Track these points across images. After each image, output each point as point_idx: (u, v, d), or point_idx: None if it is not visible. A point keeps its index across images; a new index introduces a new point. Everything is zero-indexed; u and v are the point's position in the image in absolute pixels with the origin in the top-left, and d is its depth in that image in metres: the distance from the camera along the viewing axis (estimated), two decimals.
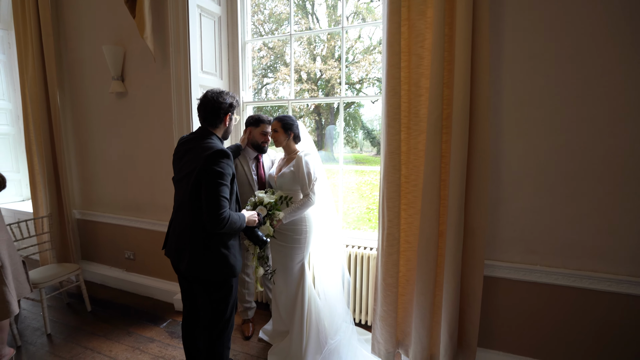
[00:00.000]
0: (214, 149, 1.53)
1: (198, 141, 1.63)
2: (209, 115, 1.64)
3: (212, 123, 1.66)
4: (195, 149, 1.60)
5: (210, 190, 1.49)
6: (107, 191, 3.18)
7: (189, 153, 1.63)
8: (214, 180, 1.49)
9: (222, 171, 1.51)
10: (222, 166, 1.51)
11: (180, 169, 1.66)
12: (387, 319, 2.00)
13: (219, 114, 1.64)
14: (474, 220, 1.78)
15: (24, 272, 2.26)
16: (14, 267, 2.17)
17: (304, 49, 12.73)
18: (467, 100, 1.65)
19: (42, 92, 2.95)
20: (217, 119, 1.65)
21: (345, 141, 14.13)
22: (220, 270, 1.60)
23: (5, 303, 2.04)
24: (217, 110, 1.63)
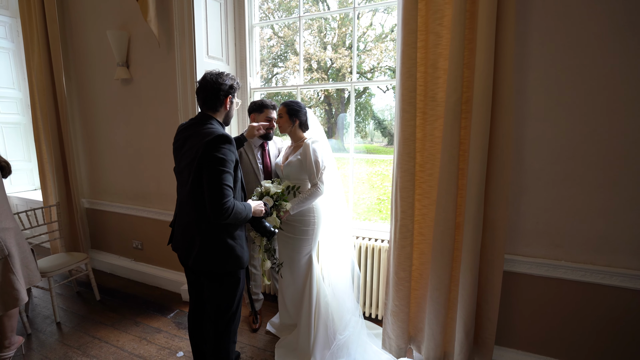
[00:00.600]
0: (214, 134, 1.43)
1: (198, 127, 1.53)
2: (208, 98, 1.54)
3: (212, 106, 1.56)
4: (195, 135, 1.50)
5: (212, 179, 1.40)
6: (114, 180, 3.16)
7: (189, 140, 1.53)
8: (215, 167, 1.40)
9: (224, 157, 1.41)
10: (223, 152, 1.41)
11: (180, 159, 1.57)
12: (398, 314, 1.91)
13: (219, 96, 1.53)
14: (494, 211, 1.66)
15: (33, 260, 2.25)
16: (23, 255, 2.16)
17: (314, 37, 12.50)
18: (489, 82, 1.51)
19: (48, 80, 2.92)
20: (217, 101, 1.54)
21: (356, 131, 13.92)
22: (227, 262, 1.53)
23: (14, 291, 2.03)
24: (216, 92, 1.52)
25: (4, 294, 2.01)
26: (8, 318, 2.13)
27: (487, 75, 1.50)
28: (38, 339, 2.39)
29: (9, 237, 2.05)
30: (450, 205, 1.67)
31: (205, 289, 1.65)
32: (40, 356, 2.20)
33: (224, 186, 1.40)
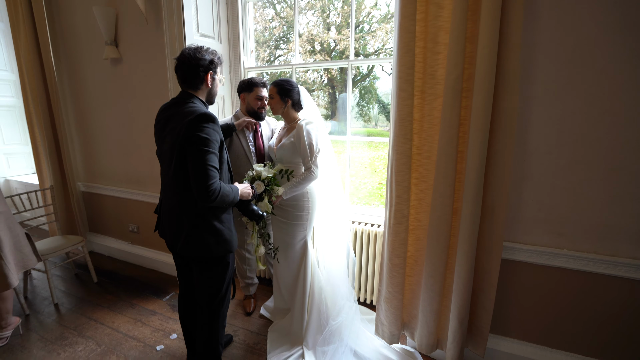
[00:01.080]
0: (196, 113, 1.34)
1: (178, 107, 1.44)
2: (187, 76, 1.45)
3: (192, 84, 1.47)
4: (176, 115, 1.41)
5: (196, 160, 1.33)
6: (109, 163, 3.12)
7: (170, 121, 1.44)
8: (198, 148, 1.32)
9: (208, 137, 1.33)
10: (207, 132, 1.33)
11: (162, 141, 1.49)
12: (392, 300, 1.87)
13: (198, 73, 1.44)
14: (494, 197, 1.57)
15: (27, 244, 2.24)
16: (15, 239, 2.15)
17: (317, 18, 12.13)
18: (493, 57, 1.40)
19: (36, 60, 2.84)
20: (196, 78, 1.45)
21: (359, 115, 13.69)
22: (215, 246, 1.49)
23: (3, 276, 2.03)
24: (195, 69, 1.43)
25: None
26: (2, 300, 2.14)
27: (491, 49, 1.38)
28: (36, 319, 2.41)
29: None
30: (448, 190, 1.59)
31: (194, 273, 1.61)
32: (38, 336, 2.22)
33: (209, 167, 1.33)
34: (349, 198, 2.64)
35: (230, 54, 2.67)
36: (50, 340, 2.17)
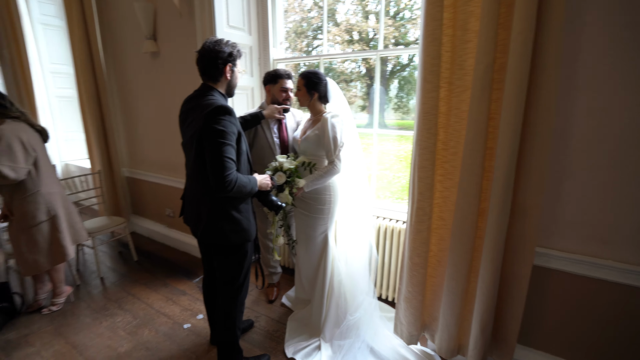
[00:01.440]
0: (213, 106, 1.37)
1: (199, 99, 1.48)
2: (207, 68, 1.48)
3: (211, 76, 1.50)
4: (196, 108, 1.46)
5: (213, 152, 1.37)
6: (148, 151, 3.33)
7: (190, 113, 1.49)
8: (215, 140, 1.35)
9: (224, 129, 1.36)
10: (223, 124, 1.36)
11: (184, 132, 1.55)
12: (411, 300, 1.81)
13: (217, 65, 1.46)
14: (526, 198, 1.45)
15: (79, 220, 2.48)
16: (69, 216, 2.38)
17: (356, 6, 11.83)
18: (528, 44, 1.27)
19: (87, 55, 3.08)
20: (215, 70, 1.48)
21: (398, 107, 13.27)
22: (233, 235, 1.53)
23: (62, 248, 2.28)
24: (214, 61, 1.46)
25: (53, 250, 2.26)
26: (55, 271, 2.40)
27: (526, 36, 1.25)
28: (85, 290, 2.68)
29: (55, 200, 2.26)
30: (474, 189, 1.49)
31: (214, 259, 1.68)
32: (85, 305, 2.47)
33: (225, 159, 1.37)
34: (375, 192, 2.59)
35: (259, 46, 2.69)
36: (95, 310, 2.40)
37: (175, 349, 2.02)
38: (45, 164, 2.22)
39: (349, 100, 11.61)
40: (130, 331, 2.17)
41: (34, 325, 2.24)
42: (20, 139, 2.03)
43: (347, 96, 12.66)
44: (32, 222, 2.15)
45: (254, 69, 2.70)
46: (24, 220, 2.13)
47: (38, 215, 2.16)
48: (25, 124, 2.13)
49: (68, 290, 2.52)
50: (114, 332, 2.16)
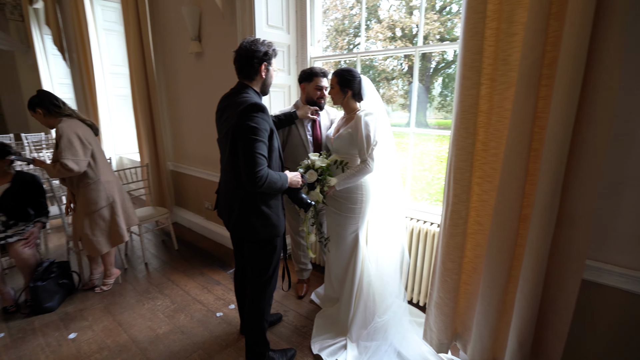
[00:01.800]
0: (247, 103, 1.42)
1: (234, 97, 1.53)
2: (243, 67, 1.53)
3: (247, 75, 1.55)
4: (231, 105, 1.51)
5: (246, 148, 1.41)
6: (190, 146, 3.52)
7: (226, 111, 1.55)
8: (247, 136, 1.40)
9: (257, 126, 1.40)
10: (256, 121, 1.40)
11: (220, 129, 1.62)
12: (442, 307, 1.73)
13: (253, 64, 1.51)
14: (575, 206, 1.32)
15: (131, 206, 2.72)
16: (123, 203, 2.61)
17: (399, 2, 11.54)
18: (584, 36, 1.15)
19: (140, 56, 3.32)
20: (251, 69, 1.53)
21: (440, 105, 12.75)
22: (262, 229, 1.58)
23: (120, 229, 2.51)
24: (250, 60, 1.50)
25: (112, 232, 2.49)
26: (108, 255, 2.62)
27: (581, 26, 1.13)
28: (132, 273, 2.90)
29: (111, 187, 2.49)
30: (515, 194, 1.38)
31: (245, 252, 1.74)
32: (131, 287, 2.67)
33: (257, 155, 1.40)
34: (412, 194, 2.51)
35: (297, 44, 2.72)
36: (139, 292, 2.60)
37: (208, 335, 2.12)
38: (100, 155, 2.43)
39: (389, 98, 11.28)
40: (168, 315, 2.32)
41: (88, 302, 2.48)
42: (77, 134, 2.25)
43: (388, 94, 12.40)
44: (94, 207, 2.38)
45: (291, 67, 2.74)
46: (87, 206, 2.37)
47: (99, 201, 2.40)
48: (78, 120, 2.35)
49: (117, 272, 2.74)
50: (154, 314, 2.32)
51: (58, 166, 2.15)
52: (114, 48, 4.60)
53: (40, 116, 2.26)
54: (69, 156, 2.16)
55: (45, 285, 2.33)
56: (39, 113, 2.25)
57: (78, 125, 2.31)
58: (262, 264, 1.68)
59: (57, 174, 2.19)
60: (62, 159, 2.14)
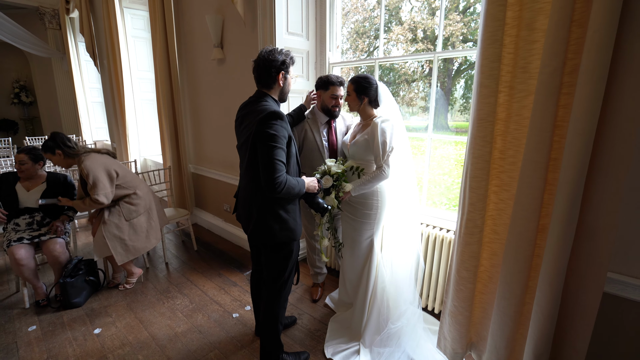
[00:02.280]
0: (266, 111, 1.47)
1: (253, 105, 1.59)
2: (262, 75, 1.58)
3: (266, 83, 1.60)
4: (251, 113, 1.57)
5: (265, 154, 1.46)
6: (211, 149, 3.62)
7: (246, 118, 1.61)
8: (267, 143, 1.45)
9: (276, 134, 1.45)
10: (275, 128, 1.45)
11: (239, 136, 1.67)
12: (457, 316, 1.71)
13: (271, 72, 1.56)
14: (596, 217, 1.28)
15: (162, 208, 2.88)
16: (158, 206, 2.78)
17: (422, 3, 11.40)
18: (608, 43, 1.12)
19: (165, 62, 3.46)
20: (269, 77, 1.58)
21: (464, 108, 12.46)
22: (279, 233, 1.62)
23: (156, 233, 2.69)
24: (268, 69, 1.55)
25: (150, 236, 2.63)
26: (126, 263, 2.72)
27: (606, 33, 1.10)
28: (153, 272, 3.02)
29: (147, 196, 2.69)
30: (533, 204, 1.35)
31: (262, 256, 1.78)
32: (152, 286, 2.78)
33: (275, 161, 1.45)
34: (430, 199, 2.50)
35: (316, 50, 2.76)
36: (159, 291, 2.70)
37: (224, 335, 2.17)
38: (126, 172, 2.59)
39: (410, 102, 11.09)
40: (186, 314, 2.39)
41: (112, 299, 2.60)
42: (102, 168, 2.39)
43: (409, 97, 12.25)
44: (134, 215, 2.58)
45: (310, 73, 2.79)
46: (128, 214, 2.55)
47: (138, 209, 2.60)
48: (95, 153, 2.46)
49: (139, 272, 2.86)
50: (174, 313, 2.40)
51: (88, 201, 2.35)
52: (141, 54, 4.81)
53: (60, 158, 2.40)
54: (99, 192, 2.34)
55: (73, 282, 2.46)
56: (59, 155, 2.39)
57: (97, 158, 2.41)
58: (279, 267, 1.71)
59: (88, 208, 2.40)
60: (94, 195, 2.32)
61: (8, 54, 8.44)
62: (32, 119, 9.24)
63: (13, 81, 8.77)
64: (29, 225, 2.51)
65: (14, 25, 6.38)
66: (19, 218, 2.50)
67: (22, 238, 2.40)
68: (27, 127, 9.24)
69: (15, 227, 2.48)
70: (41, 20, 7.37)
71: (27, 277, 2.40)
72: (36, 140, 6.90)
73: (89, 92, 6.81)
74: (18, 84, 8.77)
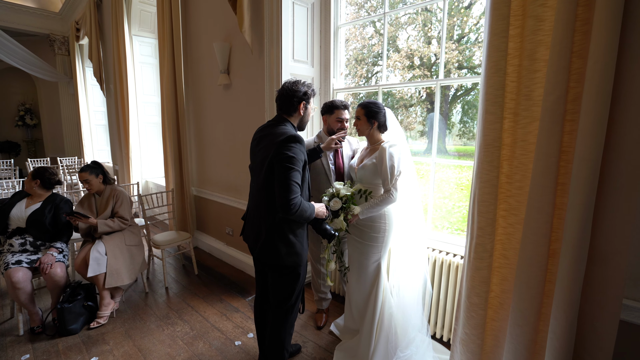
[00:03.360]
0: (286, 135, 1.53)
1: (273, 128, 1.66)
2: (284, 103, 1.67)
3: (287, 111, 1.68)
4: (270, 135, 1.63)
5: (282, 176, 1.50)
6: (214, 172, 3.64)
7: (263, 140, 1.66)
8: (285, 164, 1.49)
9: (295, 156, 1.51)
10: (294, 151, 1.51)
11: (255, 156, 1.72)
12: (468, 344, 1.66)
13: (293, 102, 1.65)
14: (607, 241, 1.28)
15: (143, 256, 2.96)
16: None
17: (418, 32, 11.86)
18: (608, 74, 1.16)
19: (172, 87, 3.54)
20: (291, 106, 1.67)
21: (462, 132, 12.68)
22: (286, 256, 1.62)
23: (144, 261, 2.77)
24: (290, 98, 1.65)
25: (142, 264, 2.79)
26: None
27: (605, 65, 1.15)
28: (152, 297, 2.94)
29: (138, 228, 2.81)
30: (542, 228, 1.35)
31: (268, 278, 1.75)
32: (151, 312, 2.71)
33: (292, 183, 1.50)
34: (432, 222, 2.49)
35: (321, 76, 2.85)
36: (159, 317, 2.62)
37: None
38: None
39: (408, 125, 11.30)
40: (187, 342, 2.32)
41: (109, 325, 2.52)
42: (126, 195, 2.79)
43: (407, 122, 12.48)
44: (134, 242, 2.76)
45: (314, 98, 2.85)
46: (129, 240, 2.72)
47: (135, 239, 2.79)
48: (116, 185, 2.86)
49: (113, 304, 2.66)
50: (174, 341, 2.33)
51: (117, 221, 2.68)
52: (147, 79, 4.94)
53: (99, 182, 2.70)
54: (126, 214, 2.74)
55: (71, 307, 2.39)
56: (100, 179, 2.72)
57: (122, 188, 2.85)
58: (285, 291, 1.69)
59: (118, 227, 2.69)
60: (125, 216, 2.72)
61: (16, 77, 8.64)
62: (34, 141, 9.32)
63: (19, 104, 8.92)
64: (22, 246, 2.48)
65: (25, 52, 6.59)
66: (12, 239, 2.47)
67: (20, 261, 2.36)
68: (29, 148, 9.31)
69: (10, 248, 2.45)
70: (51, 46, 7.61)
71: (22, 302, 2.33)
72: (39, 162, 6.93)
73: (93, 115, 6.93)
74: (24, 107, 8.91)
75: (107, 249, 2.55)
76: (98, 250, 2.51)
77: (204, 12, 3.37)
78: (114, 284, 2.51)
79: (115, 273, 2.52)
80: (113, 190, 2.74)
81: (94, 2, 5.39)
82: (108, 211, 2.70)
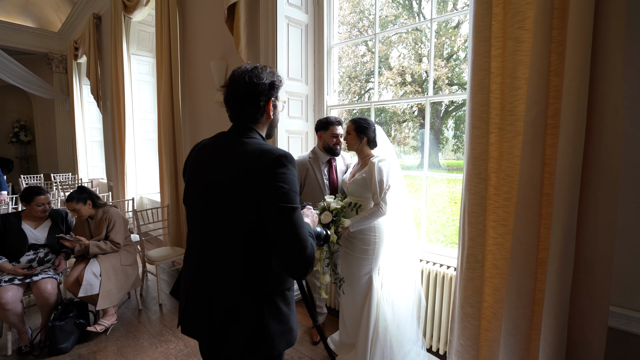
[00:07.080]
0: (272, 155, 0.98)
1: (237, 144, 1.05)
2: (245, 107, 1.08)
3: (251, 117, 1.09)
4: (233, 155, 1.03)
5: (284, 222, 0.96)
6: None
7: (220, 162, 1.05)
8: (284, 207, 0.96)
9: (291, 189, 0.98)
10: (289, 180, 0.99)
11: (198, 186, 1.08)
12: (464, 355, 1.68)
13: (258, 102, 1.07)
14: (592, 250, 1.32)
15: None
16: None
17: (409, 50, 12.24)
18: (582, 91, 1.24)
19: (169, 105, 3.60)
20: (256, 108, 1.08)
21: (456, 147, 12.91)
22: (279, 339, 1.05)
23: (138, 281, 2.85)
24: (254, 97, 1.06)
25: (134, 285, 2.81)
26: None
27: (580, 82, 1.23)
28: (145, 314, 2.90)
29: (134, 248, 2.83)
30: (530, 238, 1.40)
31: None
32: (145, 329, 2.66)
33: (301, 230, 0.98)
34: (426, 236, 2.52)
35: (315, 94, 2.93)
36: (152, 335, 2.58)
37: None
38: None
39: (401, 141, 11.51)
40: (181, 359, 2.28)
41: (101, 343, 2.47)
42: (120, 216, 2.79)
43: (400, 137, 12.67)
44: (129, 261, 2.78)
45: (309, 115, 2.93)
46: (124, 260, 2.73)
47: (130, 258, 2.80)
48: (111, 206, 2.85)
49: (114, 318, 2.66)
50: (167, 359, 2.29)
51: (109, 244, 2.66)
52: (144, 96, 5.02)
53: (88, 207, 2.67)
54: (118, 237, 2.71)
55: (62, 325, 2.35)
56: (89, 204, 2.69)
57: (116, 210, 2.84)
58: None
59: (110, 250, 2.67)
60: (117, 240, 2.69)
61: (12, 95, 8.68)
62: (27, 157, 9.28)
63: (14, 121, 8.92)
64: (29, 262, 2.50)
65: (23, 70, 6.66)
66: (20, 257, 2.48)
67: (13, 278, 2.34)
68: (22, 165, 9.25)
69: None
70: (49, 64, 7.71)
71: (12, 322, 2.29)
72: (31, 179, 6.88)
73: (89, 132, 6.95)
74: (18, 124, 8.92)
75: (102, 270, 2.54)
76: (93, 272, 2.50)
77: (201, 33, 3.48)
78: (105, 306, 2.52)
79: (107, 295, 2.52)
80: (105, 213, 2.72)
81: (93, 22, 5.53)
82: (102, 234, 2.69)
